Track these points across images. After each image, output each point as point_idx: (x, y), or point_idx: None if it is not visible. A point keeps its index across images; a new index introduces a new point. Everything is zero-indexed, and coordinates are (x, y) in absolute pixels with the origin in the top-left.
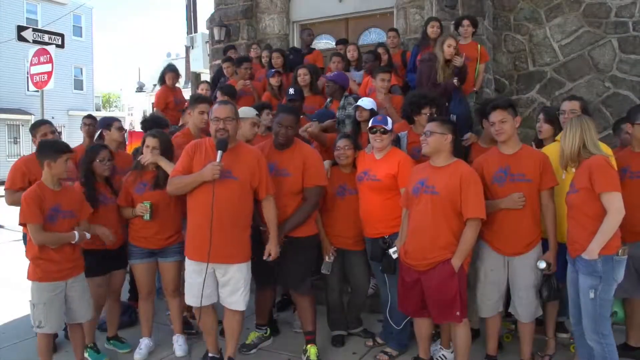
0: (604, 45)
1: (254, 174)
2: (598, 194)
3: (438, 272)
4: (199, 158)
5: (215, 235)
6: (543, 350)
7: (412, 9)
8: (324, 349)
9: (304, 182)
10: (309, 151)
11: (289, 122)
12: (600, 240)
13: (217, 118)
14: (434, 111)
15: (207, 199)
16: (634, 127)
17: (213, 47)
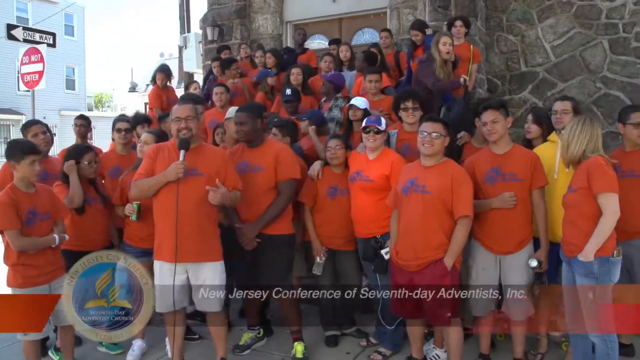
0: (595, 46)
1: (220, 170)
2: (595, 194)
3: (430, 272)
4: (162, 160)
5: (183, 234)
6: (536, 349)
7: (406, 9)
8: (317, 349)
9: (277, 176)
10: (280, 146)
11: (239, 119)
12: (596, 243)
13: (178, 118)
14: (412, 105)
15: (172, 198)
16: (625, 127)
17: (206, 47)
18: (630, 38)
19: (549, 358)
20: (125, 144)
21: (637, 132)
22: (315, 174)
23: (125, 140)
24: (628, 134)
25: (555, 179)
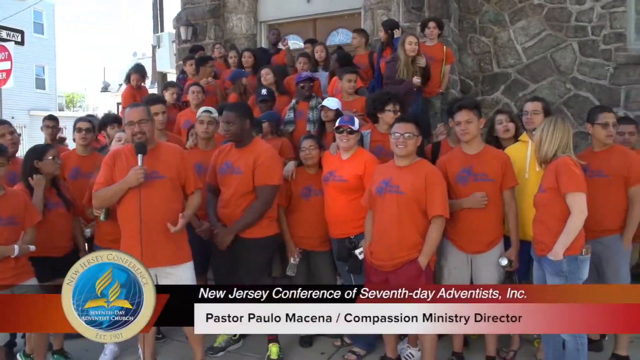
0: (565, 48)
1: (180, 169)
2: (563, 194)
3: (405, 272)
4: (120, 167)
5: (150, 239)
6: (508, 346)
7: (380, 10)
8: (292, 349)
9: (255, 180)
10: (263, 149)
11: (225, 118)
12: (564, 241)
13: (131, 122)
14: (398, 108)
15: (135, 204)
16: (593, 128)
17: (180, 46)
18: (598, 41)
19: (521, 355)
20: (85, 145)
21: (604, 132)
22: (289, 175)
23: (85, 141)
24: (596, 134)
25: (526, 179)
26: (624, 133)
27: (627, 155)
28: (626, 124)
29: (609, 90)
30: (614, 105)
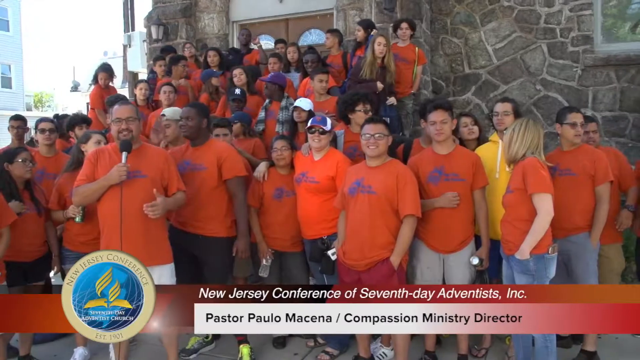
0: (535, 49)
1: (163, 171)
2: (529, 194)
3: (377, 271)
4: (103, 164)
5: (130, 238)
6: (480, 344)
7: (352, 10)
8: (265, 351)
9: (223, 175)
10: (222, 145)
11: (185, 114)
12: (531, 241)
13: (118, 119)
14: (369, 108)
15: (116, 202)
16: (562, 127)
17: (151, 46)
18: (567, 43)
19: (492, 352)
20: (49, 146)
21: (573, 132)
22: (261, 176)
23: (49, 141)
24: (565, 134)
25: (497, 179)
26: (588, 132)
27: (594, 154)
28: (588, 122)
29: (577, 91)
30: (581, 106)
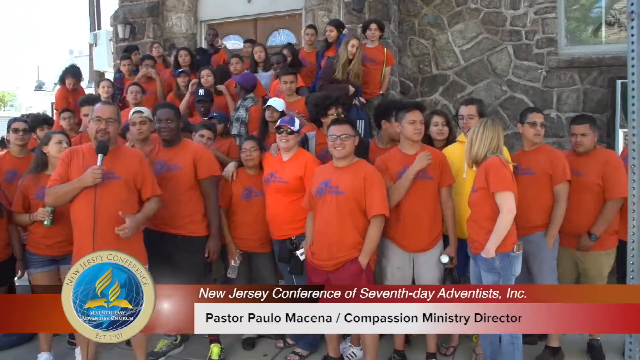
0: (501, 51)
1: (137, 173)
2: (492, 193)
3: (346, 271)
4: (77, 165)
5: (103, 240)
6: (448, 342)
7: (321, 11)
8: (234, 352)
9: (198, 174)
10: (197, 145)
11: (166, 116)
12: (495, 239)
13: (99, 118)
14: (341, 111)
15: (89, 203)
16: (523, 127)
17: (117, 45)
18: (532, 45)
19: (460, 350)
20: (22, 146)
21: (533, 131)
22: (230, 176)
23: (22, 141)
24: (526, 133)
25: (464, 179)
26: (576, 135)
27: (552, 153)
28: (578, 124)
29: (542, 92)
30: (546, 106)
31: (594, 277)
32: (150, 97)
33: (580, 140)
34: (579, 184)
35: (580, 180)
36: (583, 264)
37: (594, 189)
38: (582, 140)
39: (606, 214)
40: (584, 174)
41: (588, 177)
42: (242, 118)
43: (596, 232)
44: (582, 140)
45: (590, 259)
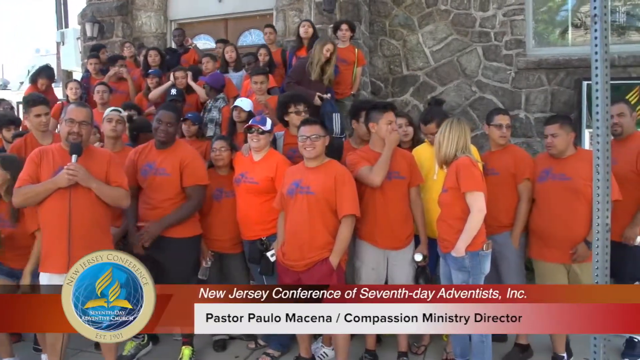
0: (471, 52)
1: (107, 172)
2: (463, 193)
3: (317, 271)
4: (47, 166)
5: (74, 243)
6: (419, 341)
7: (291, 11)
8: (205, 354)
9: (183, 182)
10: (188, 150)
11: (168, 119)
12: (465, 239)
13: (72, 120)
14: (302, 109)
15: (63, 205)
16: (490, 128)
17: (85, 44)
18: (501, 46)
19: (431, 349)
20: None
21: (498, 133)
22: None
23: None
24: (492, 135)
25: (435, 180)
26: (547, 135)
27: (516, 153)
28: (549, 124)
29: (510, 93)
30: (515, 107)
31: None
32: (121, 97)
33: (551, 141)
34: (566, 189)
35: (567, 185)
36: (581, 277)
37: (584, 194)
38: (552, 141)
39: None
40: (569, 177)
41: (575, 181)
42: (215, 119)
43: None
44: (552, 141)
45: (589, 271)
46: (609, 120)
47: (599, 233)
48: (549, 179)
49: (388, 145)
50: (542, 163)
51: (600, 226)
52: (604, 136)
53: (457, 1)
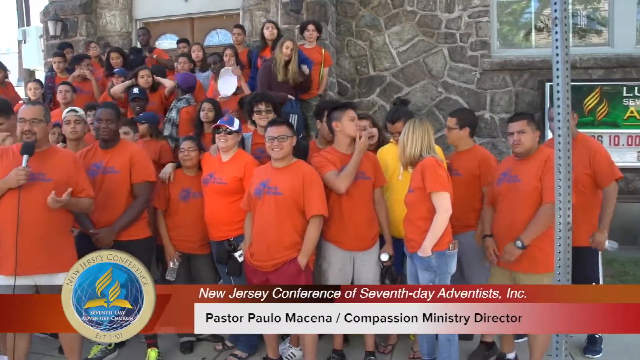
0: (437, 53)
1: (71, 175)
2: (428, 193)
3: (285, 272)
4: (5, 165)
5: (25, 244)
6: (386, 341)
7: (258, 11)
8: (172, 356)
9: (132, 178)
10: (135, 148)
11: (107, 116)
12: (432, 238)
13: (22, 119)
14: (263, 108)
15: (12, 206)
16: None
17: (48, 42)
18: (466, 47)
19: (398, 348)
20: None
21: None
22: (167, 177)
23: None
24: (451, 137)
25: (400, 180)
26: (513, 133)
27: (481, 155)
28: (514, 121)
29: (476, 94)
30: (480, 108)
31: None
32: (86, 97)
33: (518, 138)
34: (514, 191)
35: (516, 187)
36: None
37: (533, 196)
38: (519, 138)
39: (538, 217)
40: (520, 180)
41: (524, 184)
42: (173, 119)
43: (524, 239)
44: (519, 138)
45: (532, 281)
46: (569, 121)
47: (561, 232)
48: (504, 182)
49: (357, 152)
50: (503, 166)
51: (562, 225)
52: (565, 136)
53: (423, 2)
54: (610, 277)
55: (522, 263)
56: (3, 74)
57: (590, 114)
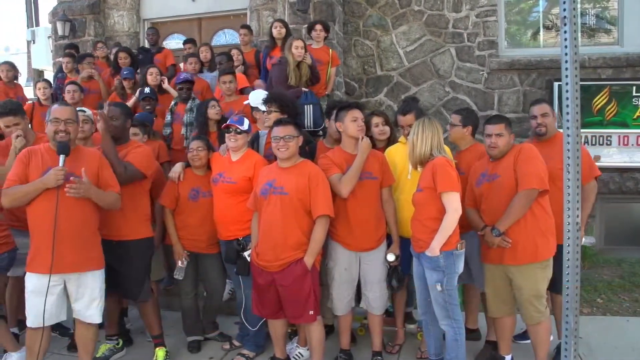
0: (444, 53)
1: (98, 173)
2: (439, 193)
3: (291, 272)
4: (36, 166)
5: (62, 244)
6: (393, 341)
7: (265, 11)
8: (180, 355)
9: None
10: (142, 147)
11: (111, 113)
12: (441, 238)
13: (56, 119)
14: (273, 109)
15: (50, 205)
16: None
17: (56, 42)
18: (474, 47)
19: (405, 348)
20: None
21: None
22: (177, 176)
23: None
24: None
25: (409, 179)
26: (491, 135)
27: (479, 152)
28: (494, 124)
29: (483, 93)
30: (488, 107)
31: (529, 295)
32: (94, 97)
33: (495, 141)
34: (496, 187)
35: (498, 182)
36: (516, 280)
37: (516, 188)
38: (497, 141)
39: (513, 204)
40: (499, 175)
41: (504, 178)
42: (188, 121)
43: (499, 227)
44: (497, 141)
45: (523, 274)
46: (579, 120)
47: (570, 232)
48: (484, 183)
49: (360, 155)
50: (478, 168)
51: (571, 225)
52: (574, 136)
53: (430, 2)
54: (620, 278)
55: (512, 254)
56: (13, 74)
57: (599, 113)
